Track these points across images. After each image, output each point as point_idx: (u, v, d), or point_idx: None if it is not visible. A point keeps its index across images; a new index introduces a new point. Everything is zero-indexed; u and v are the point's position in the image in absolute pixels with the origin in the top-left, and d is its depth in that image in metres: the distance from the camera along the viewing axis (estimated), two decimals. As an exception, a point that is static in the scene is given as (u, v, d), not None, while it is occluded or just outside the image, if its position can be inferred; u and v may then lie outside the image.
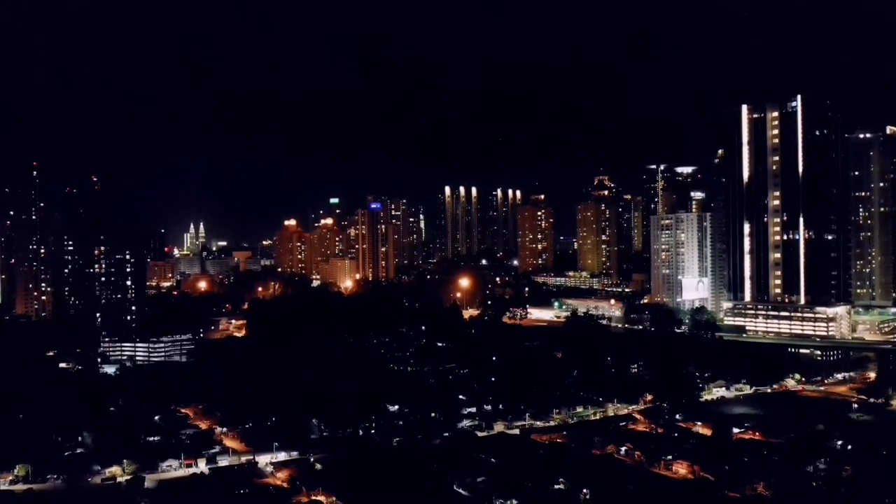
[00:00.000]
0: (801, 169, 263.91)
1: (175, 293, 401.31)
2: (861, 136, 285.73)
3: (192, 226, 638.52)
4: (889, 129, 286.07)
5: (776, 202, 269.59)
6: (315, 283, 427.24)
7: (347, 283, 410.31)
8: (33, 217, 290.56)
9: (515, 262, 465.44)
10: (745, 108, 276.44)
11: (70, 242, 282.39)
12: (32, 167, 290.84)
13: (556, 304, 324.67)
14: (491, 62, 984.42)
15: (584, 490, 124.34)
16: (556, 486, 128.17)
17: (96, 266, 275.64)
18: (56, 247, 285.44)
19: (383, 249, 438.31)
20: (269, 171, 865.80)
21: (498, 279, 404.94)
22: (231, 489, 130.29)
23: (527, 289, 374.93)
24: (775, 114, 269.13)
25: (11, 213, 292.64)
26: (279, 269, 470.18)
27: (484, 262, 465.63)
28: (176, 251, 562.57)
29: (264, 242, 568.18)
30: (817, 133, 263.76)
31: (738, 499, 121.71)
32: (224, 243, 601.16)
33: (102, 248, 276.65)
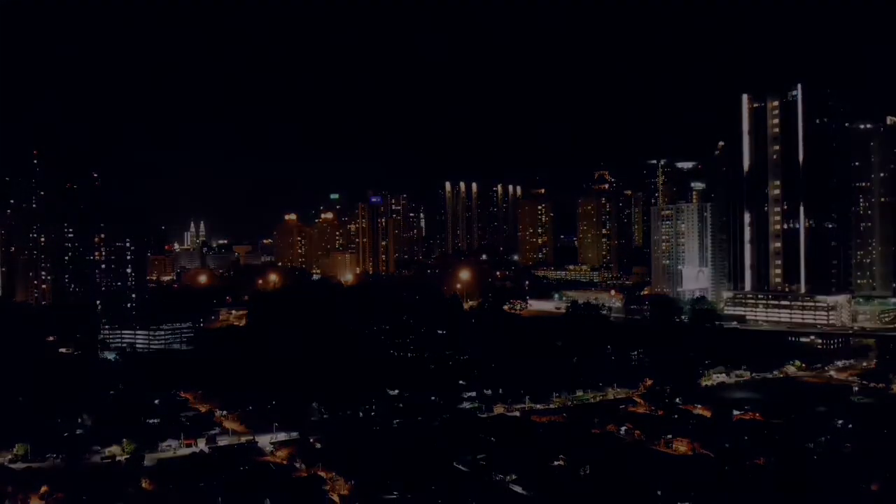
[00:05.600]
0: (801, 158, 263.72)
1: (175, 286, 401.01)
2: (862, 126, 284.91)
3: (192, 224, 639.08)
4: (889, 120, 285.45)
5: (776, 191, 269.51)
6: (315, 277, 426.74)
7: (347, 277, 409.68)
8: (33, 205, 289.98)
9: (516, 257, 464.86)
10: (745, 97, 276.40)
11: (70, 230, 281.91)
12: (32, 156, 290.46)
13: (557, 295, 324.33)
14: (490, 58, 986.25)
15: (585, 466, 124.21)
16: (556, 463, 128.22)
17: (96, 254, 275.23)
18: (56, 234, 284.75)
19: (383, 243, 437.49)
20: (269, 169, 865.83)
21: (498, 273, 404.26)
22: (231, 466, 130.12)
23: (527, 282, 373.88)
24: (776, 103, 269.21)
25: (12, 201, 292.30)
26: (279, 264, 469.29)
27: (484, 256, 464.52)
28: (176, 246, 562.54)
29: (265, 241, 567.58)
30: (818, 122, 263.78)
31: (737, 472, 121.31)
32: (224, 241, 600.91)
33: (102, 235, 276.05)
